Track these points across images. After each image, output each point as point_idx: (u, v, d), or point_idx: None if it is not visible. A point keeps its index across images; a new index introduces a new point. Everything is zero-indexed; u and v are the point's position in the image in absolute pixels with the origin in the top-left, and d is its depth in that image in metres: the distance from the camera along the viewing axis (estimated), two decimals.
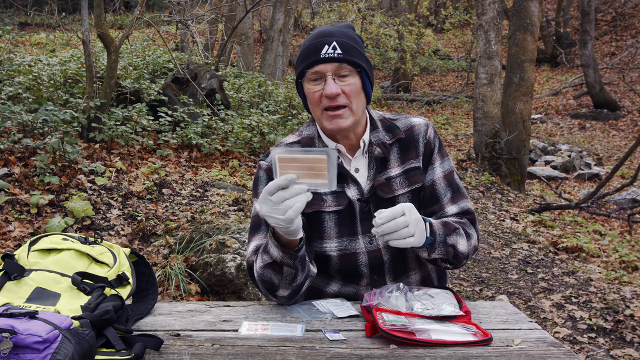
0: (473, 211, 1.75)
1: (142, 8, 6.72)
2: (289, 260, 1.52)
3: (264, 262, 1.56)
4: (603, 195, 7.31)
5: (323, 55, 1.58)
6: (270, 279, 1.57)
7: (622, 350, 3.52)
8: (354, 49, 1.61)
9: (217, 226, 4.17)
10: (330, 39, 1.60)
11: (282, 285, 1.57)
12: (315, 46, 1.60)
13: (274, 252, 1.52)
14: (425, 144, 1.74)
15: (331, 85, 1.58)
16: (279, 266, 1.54)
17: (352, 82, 1.60)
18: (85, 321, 1.30)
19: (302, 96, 1.71)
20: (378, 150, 1.70)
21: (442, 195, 1.72)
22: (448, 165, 1.76)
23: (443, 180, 1.73)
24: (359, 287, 1.73)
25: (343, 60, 1.58)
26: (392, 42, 16.59)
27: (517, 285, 4.56)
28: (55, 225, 4.22)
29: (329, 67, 1.58)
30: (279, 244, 1.50)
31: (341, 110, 1.60)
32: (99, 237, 1.63)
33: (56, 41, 14.26)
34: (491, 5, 8.28)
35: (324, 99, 1.60)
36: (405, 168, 1.72)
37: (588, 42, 14.39)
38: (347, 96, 1.60)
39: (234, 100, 8.39)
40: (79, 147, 5.25)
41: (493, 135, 8.18)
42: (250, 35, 13.37)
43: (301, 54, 1.64)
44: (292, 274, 1.55)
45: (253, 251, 1.66)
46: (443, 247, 1.58)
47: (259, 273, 1.58)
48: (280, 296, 1.61)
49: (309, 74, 1.61)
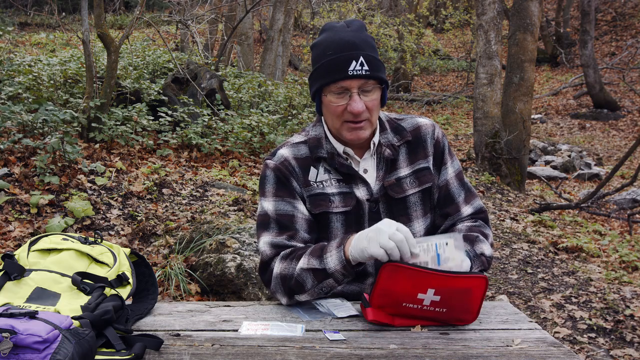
0: (485, 209, 1.80)
1: (142, 8, 6.72)
2: (340, 276, 1.53)
3: (310, 265, 1.55)
4: (603, 195, 7.31)
5: (351, 72, 1.58)
6: (304, 282, 1.56)
7: (622, 350, 3.51)
8: (379, 63, 1.63)
9: (217, 226, 4.17)
10: (357, 53, 1.59)
11: (310, 293, 1.58)
12: (342, 60, 1.59)
13: (332, 262, 1.52)
14: (434, 145, 1.76)
15: (358, 102, 1.59)
16: (325, 276, 1.54)
17: (375, 97, 1.63)
18: (85, 321, 1.30)
19: (317, 100, 1.71)
20: (388, 152, 1.72)
21: (457, 195, 1.75)
22: (457, 165, 1.80)
23: (455, 180, 1.76)
24: (364, 285, 1.73)
25: (370, 77, 1.60)
26: (392, 42, 16.59)
27: (517, 285, 4.56)
28: (55, 225, 4.22)
29: (355, 84, 1.59)
30: (345, 259, 1.51)
31: (362, 123, 1.63)
32: (99, 237, 1.63)
33: (56, 41, 14.26)
34: (491, 5, 8.28)
35: (347, 113, 1.62)
36: (414, 168, 1.73)
37: (588, 42, 14.39)
38: (369, 111, 1.63)
39: (234, 100, 8.39)
40: (79, 147, 5.25)
41: (493, 135, 8.18)
42: (250, 35, 13.37)
43: (325, 65, 1.61)
44: (332, 287, 1.56)
45: (269, 244, 1.65)
46: (477, 260, 1.63)
47: (295, 274, 1.57)
48: (295, 299, 1.61)
49: (333, 87, 1.62)
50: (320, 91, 1.66)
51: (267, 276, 1.64)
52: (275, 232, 1.66)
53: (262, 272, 1.67)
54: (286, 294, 1.61)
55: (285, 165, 1.70)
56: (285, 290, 1.60)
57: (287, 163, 1.70)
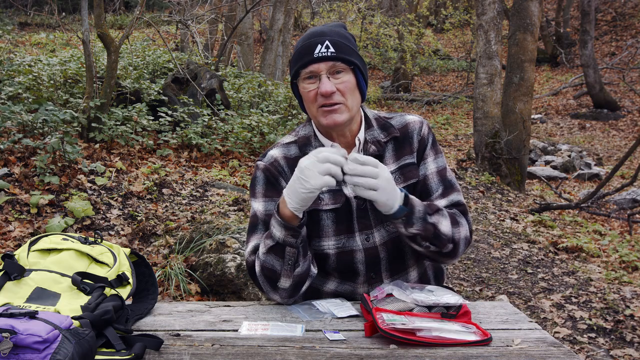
0: (464, 203, 1.76)
1: (142, 8, 6.72)
2: (291, 239, 1.55)
3: (267, 246, 1.58)
4: (603, 195, 7.31)
5: (316, 54, 1.61)
6: (273, 265, 1.58)
7: (622, 350, 3.51)
8: (347, 47, 1.64)
9: (217, 226, 4.17)
10: (323, 38, 1.62)
11: (284, 273, 1.58)
12: (308, 46, 1.63)
13: (277, 232, 1.55)
14: (420, 141, 1.76)
15: (326, 83, 1.60)
16: (281, 248, 1.56)
17: (346, 79, 1.63)
18: (85, 321, 1.30)
19: (297, 96, 1.73)
20: (373, 148, 1.72)
21: (434, 190, 1.73)
22: (442, 162, 1.78)
23: (436, 175, 1.75)
24: (356, 285, 1.73)
25: (336, 58, 1.61)
26: (392, 42, 16.59)
27: (517, 285, 4.56)
28: (55, 225, 4.22)
29: (322, 66, 1.61)
30: (282, 219, 1.53)
31: (337, 105, 1.63)
32: (99, 237, 1.63)
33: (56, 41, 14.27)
34: (491, 5, 8.28)
35: (320, 97, 1.62)
36: (400, 164, 1.73)
37: (588, 42, 14.39)
38: (342, 93, 1.63)
39: (234, 100, 8.39)
40: (79, 147, 5.25)
41: (493, 135, 8.18)
42: (250, 35, 13.37)
43: (295, 55, 1.67)
44: (295, 255, 1.57)
45: (252, 251, 1.67)
46: (421, 223, 1.58)
47: (261, 262, 1.60)
48: (281, 288, 1.61)
49: (303, 74, 1.64)
50: (296, 83, 1.69)
51: (257, 281, 1.66)
52: (262, 233, 1.67)
53: (253, 278, 1.69)
54: (271, 287, 1.62)
55: (275, 165, 1.72)
56: (268, 283, 1.62)
57: (277, 163, 1.73)
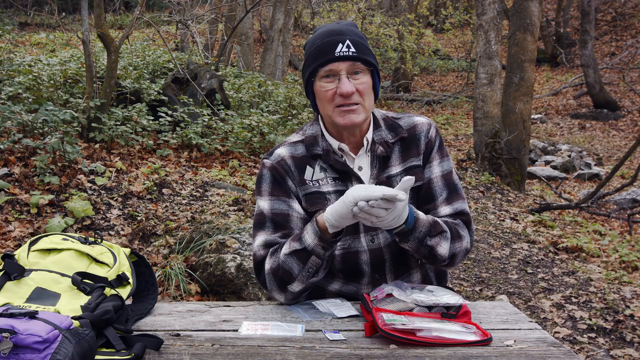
0: (468, 212, 1.75)
1: (142, 8, 6.72)
2: (321, 250, 1.54)
3: (292, 249, 1.57)
4: (603, 195, 7.30)
5: (337, 53, 1.60)
6: (291, 269, 1.57)
7: (622, 350, 3.51)
8: (366, 48, 1.64)
9: (217, 226, 4.17)
10: (343, 37, 1.62)
11: (299, 278, 1.58)
12: (328, 44, 1.62)
13: (309, 238, 1.54)
14: (427, 143, 1.75)
15: (346, 83, 1.60)
16: (306, 255, 1.55)
17: (365, 80, 1.63)
18: (85, 321, 1.30)
19: (310, 94, 1.72)
20: (381, 149, 1.72)
21: (438, 194, 1.73)
22: (447, 165, 1.76)
23: (441, 179, 1.74)
24: (360, 285, 1.73)
25: (357, 58, 1.61)
26: (392, 42, 16.58)
27: (517, 285, 4.56)
28: (55, 225, 4.22)
29: (343, 66, 1.61)
30: (319, 229, 1.53)
31: (355, 106, 1.63)
32: (99, 237, 1.63)
33: (56, 41, 14.26)
34: (491, 5, 8.28)
35: (337, 97, 1.62)
36: (406, 166, 1.73)
37: (588, 42, 14.38)
38: (360, 94, 1.63)
39: (234, 100, 8.39)
40: (79, 147, 5.25)
41: (493, 135, 8.18)
42: (250, 35, 13.37)
43: (312, 53, 1.64)
44: (317, 266, 1.57)
45: (262, 245, 1.66)
46: (416, 243, 1.57)
47: (280, 262, 1.59)
48: (289, 291, 1.61)
49: (322, 72, 1.63)
50: (311, 81, 1.67)
51: (262, 277, 1.65)
52: (270, 230, 1.67)
53: (258, 273, 1.68)
54: (279, 287, 1.61)
55: (282, 164, 1.72)
56: (277, 283, 1.61)
57: (284, 162, 1.72)
